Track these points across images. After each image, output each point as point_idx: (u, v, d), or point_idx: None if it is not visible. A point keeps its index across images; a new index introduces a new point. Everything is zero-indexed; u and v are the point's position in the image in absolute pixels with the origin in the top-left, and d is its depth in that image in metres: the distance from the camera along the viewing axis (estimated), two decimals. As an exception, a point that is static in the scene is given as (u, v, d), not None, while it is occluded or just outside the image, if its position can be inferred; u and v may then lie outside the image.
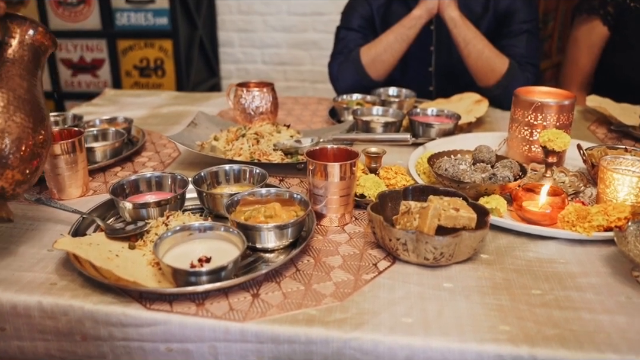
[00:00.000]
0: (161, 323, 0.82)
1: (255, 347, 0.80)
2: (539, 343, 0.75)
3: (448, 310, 0.82)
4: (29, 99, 0.91)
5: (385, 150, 1.19)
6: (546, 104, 1.31)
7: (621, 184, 1.07)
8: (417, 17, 1.80)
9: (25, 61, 0.95)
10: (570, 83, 2.18)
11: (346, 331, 0.78)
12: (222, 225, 0.95)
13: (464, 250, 0.92)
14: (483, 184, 1.09)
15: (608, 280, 0.91)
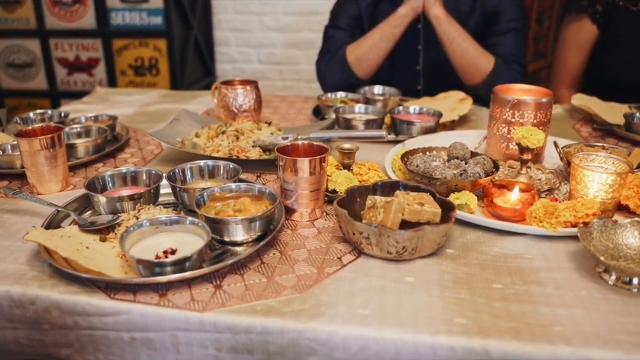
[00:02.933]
0: (124, 313, 0.83)
1: (214, 337, 0.81)
2: (492, 335, 0.76)
3: (406, 302, 0.83)
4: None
5: (358, 147, 1.20)
6: (523, 101, 1.31)
7: (591, 181, 1.07)
8: (403, 16, 1.81)
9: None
10: (560, 82, 2.18)
11: (302, 322, 0.79)
12: (188, 219, 0.96)
13: (428, 245, 0.92)
14: (453, 180, 1.10)
15: (571, 275, 0.91)
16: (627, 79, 2.03)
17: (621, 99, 1.83)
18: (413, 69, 2.05)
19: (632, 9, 1.96)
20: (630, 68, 2.02)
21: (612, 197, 1.08)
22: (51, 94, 3.51)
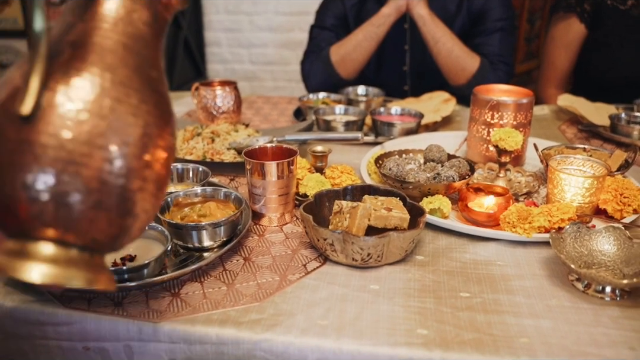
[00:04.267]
0: (77, 322, 0.80)
1: (168, 347, 0.78)
2: (453, 347, 0.73)
3: (367, 312, 0.80)
4: (139, 86, 0.54)
5: (331, 149, 1.17)
6: (503, 102, 1.28)
7: (568, 184, 1.04)
8: (386, 15, 1.78)
9: (134, 22, 0.56)
10: (548, 82, 2.15)
11: (257, 332, 0.76)
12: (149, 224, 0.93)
13: (394, 252, 0.90)
14: (426, 184, 1.07)
15: (543, 283, 0.89)
16: (615, 78, 2.00)
17: (609, 99, 1.80)
18: (400, 70, 2.02)
19: (620, 8, 1.93)
20: (618, 68, 1.99)
21: (590, 201, 1.05)
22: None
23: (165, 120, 0.55)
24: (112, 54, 0.53)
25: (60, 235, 0.50)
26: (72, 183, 0.49)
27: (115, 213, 0.52)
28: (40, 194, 0.49)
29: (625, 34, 1.95)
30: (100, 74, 0.51)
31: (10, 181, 0.49)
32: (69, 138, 0.49)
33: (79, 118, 0.49)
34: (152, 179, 0.54)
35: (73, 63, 0.51)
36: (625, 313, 0.81)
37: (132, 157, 0.52)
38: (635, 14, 1.91)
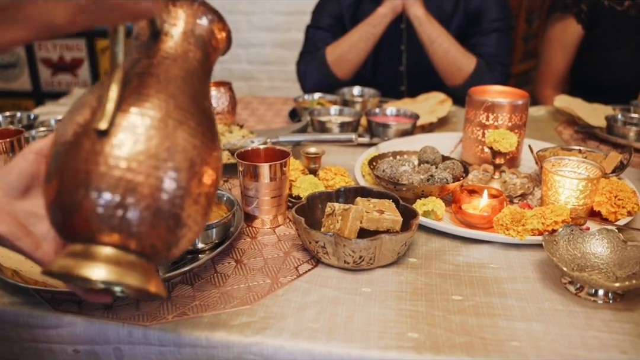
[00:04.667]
0: (67, 325, 0.80)
1: (158, 350, 0.78)
2: (444, 351, 0.73)
3: (358, 315, 0.80)
4: (195, 111, 0.61)
5: (324, 151, 1.17)
6: (497, 103, 1.28)
7: (562, 186, 1.04)
8: (382, 16, 1.77)
9: (190, 59, 0.65)
10: (545, 83, 2.15)
11: (247, 336, 0.76)
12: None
13: (387, 254, 0.89)
14: (419, 186, 1.06)
15: (535, 286, 0.88)
16: (612, 79, 1.99)
17: (606, 100, 1.80)
18: (396, 70, 2.02)
19: (617, 9, 1.93)
20: (615, 68, 1.99)
21: (584, 203, 1.05)
22: (35, 95, 3.48)
23: (215, 143, 0.63)
24: (173, 84, 0.61)
25: (122, 241, 0.55)
26: (138, 193, 0.54)
27: (173, 223, 0.57)
28: (109, 202, 0.54)
29: (622, 35, 1.95)
30: (165, 100, 0.59)
31: (83, 189, 0.54)
32: (139, 151, 0.55)
33: (148, 135, 0.55)
34: (204, 193, 0.60)
35: (141, 90, 0.58)
36: (618, 316, 0.81)
37: (191, 172, 0.58)
38: (632, 14, 1.91)
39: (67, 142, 0.56)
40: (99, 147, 0.54)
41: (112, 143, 0.55)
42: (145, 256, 0.58)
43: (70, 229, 0.56)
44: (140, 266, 0.57)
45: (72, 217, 0.55)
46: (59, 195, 0.56)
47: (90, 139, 0.55)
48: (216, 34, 0.70)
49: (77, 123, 0.57)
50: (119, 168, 0.54)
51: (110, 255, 0.55)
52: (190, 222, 0.59)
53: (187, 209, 0.58)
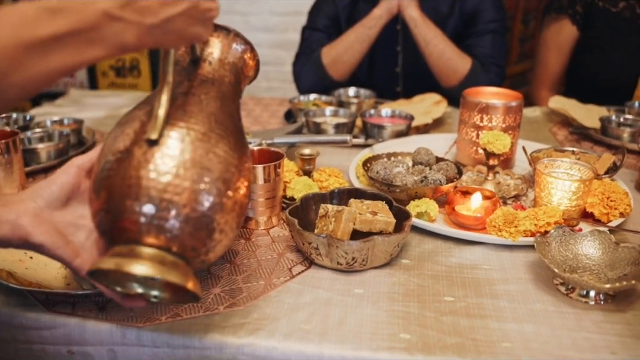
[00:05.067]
0: (61, 326, 0.80)
1: (152, 351, 0.78)
2: (435, 352, 0.73)
3: (351, 317, 0.80)
4: (232, 129, 0.68)
5: (319, 152, 1.17)
6: (492, 105, 1.29)
7: (555, 188, 1.05)
8: (378, 17, 1.78)
9: (225, 83, 0.73)
10: (541, 84, 2.15)
11: (240, 337, 0.76)
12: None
13: (379, 256, 0.90)
14: (413, 187, 1.07)
15: (527, 287, 0.89)
16: (607, 80, 2.00)
17: (601, 101, 1.80)
18: (392, 71, 2.02)
19: (612, 10, 1.93)
20: (610, 70, 1.99)
21: (577, 205, 1.05)
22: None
23: (248, 156, 0.69)
24: (213, 104, 0.68)
25: (165, 244, 0.61)
26: (183, 199, 0.60)
27: (212, 228, 0.63)
28: (157, 206, 0.59)
29: (617, 36, 1.96)
30: (207, 116, 0.65)
31: (134, 193, 0.59)
32: (185, 159, 0.61)
33: (193, 146, 0.62)
34: (239, 201, 0.66)
35: (186, 107, 0.65)
36: (608, 317, 0.81)
37: (229, 182, 0.64)
38: (626, 16, 1.92)
39: (118, 151, 0.62)
40: (149, 155, 0.60)
41: (162, 151, 0.60)
42: (185, 259, 0.63)
43: (117, 231, 0.61)
44: (181, 266, 0.61)
45: (120, 220, 0.60)
46: (108, 199, 0.61)
47: (141, 148, 0.61)
48: (247, 61, 0.78)
49: (128, 134, 0.63)
50: (167, 174, 0.60)
51: (153, 255, 0.60)
52: (227, 228, 0.65)
53: (225, 216, 0.64)
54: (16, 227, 0.65)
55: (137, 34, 0.56)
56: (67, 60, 0.52)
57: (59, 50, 0.50)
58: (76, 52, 0.52)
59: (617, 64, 1.97)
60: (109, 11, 0.52)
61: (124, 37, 0.55)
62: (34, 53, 0.49)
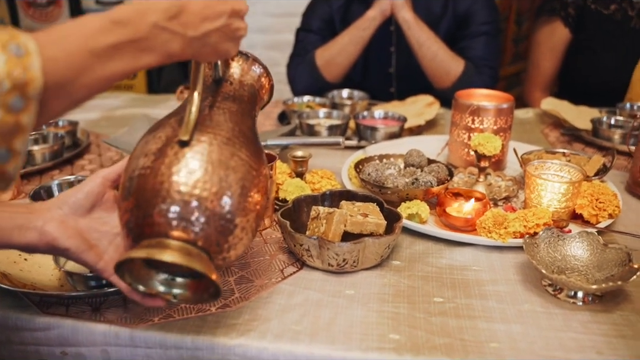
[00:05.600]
0: (55, 327, 0.81)
1: (145, 352, 0.79)
2: (423, 352, 0.75)
3: (341, 317, 0.81)
4: (252, 139, 0.75)
5: (311, 154, 1.18)
6: (483, 107, 1.30)
7: (544, 189, 1.06)
8: (371, 19, 1.79)
9: (244, 102, 0.79)
10: (534, 85, 2.17)
11: (232, 338, 0.77)
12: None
13: (370, 257, 0.91)
14: (404, 189, 1.08)
15: (516, 288, 0.90)
16: (598, 82, 2.01)
17: (594, 103, 1.82)
18: (386, 72, 2.03)
19: (603, 13, 1.95)
20: (601, 72, 2.01)
21: (566, 206, 1.06)
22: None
23: (265, 165, 0.75)
24: (235, 117, 0.74)
25: (192, 238, 0.65)
26: (212, 195, 0.65)
27: (236, 225, 0.68)
28: (186, 201, 0.64)
29: (608, 39, 1.97)
30: (231, 126, 0.72)
31: (166, 188, 0.64)
32: (214, 159, 0.66)
33: (220, 148, 0.68)
34: (259, 202, 0.72)
35: (212, 116, 0.72)
36: (595, 318, 0.83)
37: (252, 183, 0.70)
38: (617, 18, 1.93)
39: (151, 152, 0.67)
40: (180, 154, 0.66)
41: (193, 151, 0.66)
42: (209, 254, 0.67)
43: (147, 226, 0.65)
44: (205, 259, 0.65)
45: (151, 214, 0.65)
46: (140, 194, 0.66)
47: (173, 148, 0.66)
48: (264, 84, 0.84)
49: (160, 137, 0.68)
50: (196, 172, 0.65)
51: (181, 246, 0.64)
52: (247, 226, 0.70)
53: (247, 215, 0.69)
54: (43, 234, 0.70)
55: (181, 44, 0.63)
56: (124, 66, 0.58)
57: (118, 57, 0.57)
58: (132, 59, 0.58)
59: (608, 66, 1.98)
60: (158, 23, 0.59)
61: (170, 46, 0.62)
62: (98, 59, 0.55)
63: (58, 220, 0.71)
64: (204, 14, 0.64)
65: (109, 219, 0.77)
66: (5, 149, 0.50)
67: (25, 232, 0.70)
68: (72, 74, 0.53)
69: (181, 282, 0.72)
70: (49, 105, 0.53)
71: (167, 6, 0.61)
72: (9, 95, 0.48)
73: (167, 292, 0.71)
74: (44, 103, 0.52)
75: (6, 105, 0.48)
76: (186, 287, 0.72)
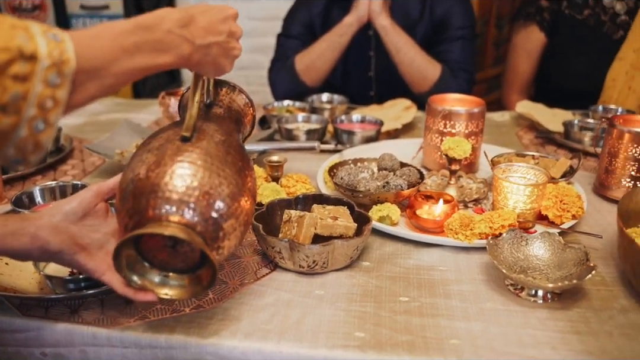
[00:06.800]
0: (34, 329, 0.84)
1: (121, 352, 0.83)
2: (386, 350, 0.78)
3: (310, 317, 0.85)
4: (241, 155, 0.81)
5: (286, 159, 1.22)
6: (454, 111, 1.34)
7: (510, 192, 1.10)
8: (349, 25, 1.83)
9: (232, 123, 0.89)
10: (511, 88, 2.21)
11: (204, 337, 0.81)
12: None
13: (339, 259, 0.94)
14: (375, 193, 1.12)
15: (479, 287, 0.94)
16: (572, 86, 2.06)
17: (568, 106, 1.86)
18: (365, 76, 2.07)
19: (577, 18, 1.99)
20: (575, 75, 2.05)
21: (532, 208, 1.10)
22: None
23: (253, 173, 0.83)
24: (225, 129, 0.83)
25: (191, 222, 0.71)
26: (210, 180, 0.72)
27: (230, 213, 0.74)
28: (187, 185, 0.71)
29: (581, 44, 2.02)
30: (225, 131, 0.82)
31: (169, 173, 0.71)
32: (212, 154, 0.75)
33: (217, 146, 0.77)
34: (252, 190, 0.80)
35: (209, 124, 0.82)
36: (553, 315, 0.86)
37: (242, 174, 0.78)
38: (591, 24, 1.98)
39: (154, 147, 0.75)
40: (182, 148, 0.74)
41: (193, 145, 0.75)
42: (206, 240, 0.72)
43: (150, 209, 0.71)
44: (204, 242, 0.72)
45: (154, 198, 0.71)
46: (140, 190, 0.72)
47: (175, 144, 0.75)
48: (248, 113, 0.95)
49: (162, 137, 0.77)
50: (196, 162, 0.73)
51: (180, 225, 0.70)
52: (240, 218, 0.76)
53: (240, 206, 0.76)
54: (35, 238, 0.75)
55: (190, 49, 0.72)
56: (147, 61, 0.67)
57: (140, 53, 0.66)
58: (152, 57, 0.68)
59: (582, 70, 2.03)
60: (172, 30, 0.70)
61: (182, 49, 0.71)
62: (124, 53, 0.64)
63: (50, 226, 0.76)
64: (208, 28, 0.76)
65: (100, 227, 0.82)
66: (42, 120, 0.58)
67: (18, 238, 0.75)
68: (101, 62, 0.62)
69: (174, 278, 0.76)
70: (83, 86, 0.61)
71: (179, 17, 0.71)
72: (49, 72, 0.56)
73: (161, 283, 0.76)
74: (79, 84, 0.60)
75: (46, 80, 0.56)
76: (179, 283, 0.76)
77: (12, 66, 0.54)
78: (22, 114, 0.56)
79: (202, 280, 0.75)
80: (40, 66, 0.56)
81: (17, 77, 0.54)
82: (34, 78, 0.55)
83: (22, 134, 0.57)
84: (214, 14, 0.78)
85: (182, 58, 0.72)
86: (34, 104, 0.56)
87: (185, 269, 0.76)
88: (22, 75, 0.55)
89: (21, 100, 0.55)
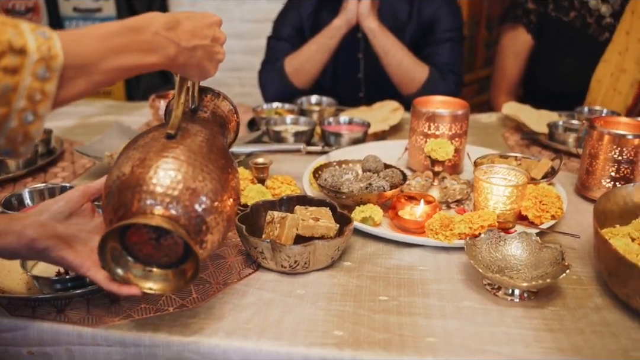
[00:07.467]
0: (21, 328, 0.86)
1: (106, 350, 0.85)
2: (363, 347, 0.80)
3: (290, 316, 0.87)
4: (224, 155, 0.85)
5: (272, 161, 1.24)
6: (438, 114, 1.36)
7: (490, 193, 1.12)
8: (337, 28, 1.85)
9: (217, 127, 0.93)
10: (499, 89, 2.24)
11: (187, 335, 0.83)
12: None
13: (321, 259, 0.97)
14: (358, 194, 1.14)
15: (458, 286, 0.96)
16: (558, 88, 2.09)
17: (555, 107, 1.88)
18: (355, 78, 2.09)
19: (563, 20, 2.02)
20: (561, 77, 2.08)
21: (511, 208, 1.13)
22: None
23: (236, 174, 0.87)
24: (209, 130, 0.87)
25: (175, 215, 0.74)
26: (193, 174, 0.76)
27: (214, 207, 0.78)
28: (172, 178, 0.74)
29: (567, 46, 2.04)
30: (208, 132, 0.85)
31: (154, 168, 0.74)
32: (195, 151, 0.78)
33: (201, 144, 0.80)
34: (235, 188, 0.84)
35: (194, 124, 0.86)
36: (528, 313, 0.89)
37: (225, 170, 0.82)
38: (577, 26, 2.00)
39: (140, 145, 0.78)
40: (168, 145, 0.77)
41: (178, 142, 0.78)
42: (189, 234, 0.75)
43: (136, 201, 0.74)
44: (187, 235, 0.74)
45: (140, 191, 0.74)
46: (131, 175, 0.75)
47: (160, 141, 0.78)
48: (231, 118, 0.98)
49: (148, 136, 0.80)
50: (181, 157, 0.76)
51: (164, 217, 0.73)
52: (225, 211, 0.80)
53: (225, 200, 0.79)
54: (22, 236, 0.77)
55: (175, 51, 0.75)
56: (134, 61, 0.70)
57: (128, 53, 0.69)
58: (139, 57, 0.71)
59: (568, 71, 2.05)
60: (158, 32, 0.73)
61: (168, 51, 0.74)
62: (112, 52, 0.67)
63: (37, 224, 0.79)
64: (194, 31, 0.79)
65: (86, 226, 0.85)
66: (31, 112, 0.60)
67: (5, 236, 0.77)
68: (89, 59, 0.65)
69: (158, 272, 0.79)
70: (72, 82, 0.64)
71: (166, 20, 0.75)
72: (37, 65, 0.59)
73: (144, 279, 0.78)
74: (67, 79, 0.63)
75: (35, 73, 0.59)
76: (162, 277, 0.78)
77: (2, 59, 0.57)
78: (12, 105, 0.59)
79: (186, 273, 0.77)
80: (30, 60, 0.58)
81: (7, 70, 0.57)
82: (24, 71, 0.58)
83: (12, 125, 0.60)
84: (199, 19, 0.81)
85: (168, 59, 0.75)
86: (24, 95, 0.59)
87: (169, 264, 0.78)
88: (12, 68, 0.57)
89: (11, 92, 0.58)
